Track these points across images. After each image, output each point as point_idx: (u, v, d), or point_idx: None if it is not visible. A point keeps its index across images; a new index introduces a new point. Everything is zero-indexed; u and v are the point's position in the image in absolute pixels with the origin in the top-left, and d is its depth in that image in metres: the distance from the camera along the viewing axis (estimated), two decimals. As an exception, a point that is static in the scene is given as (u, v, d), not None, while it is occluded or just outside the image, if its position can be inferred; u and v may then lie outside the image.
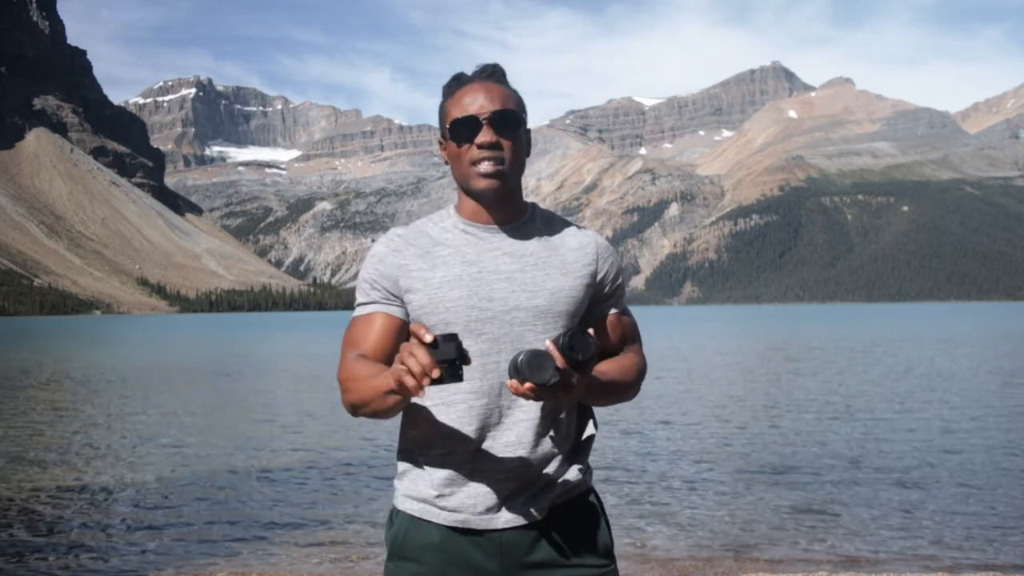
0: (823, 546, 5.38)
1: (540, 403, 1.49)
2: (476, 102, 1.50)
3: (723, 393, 14.88)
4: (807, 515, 6.11)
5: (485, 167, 1.49)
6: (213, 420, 12.13)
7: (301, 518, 6.20)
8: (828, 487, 7.03)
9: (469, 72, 1.57)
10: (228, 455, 8.99)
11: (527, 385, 1.30)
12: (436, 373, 1.25)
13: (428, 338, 1.26)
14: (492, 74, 1.55)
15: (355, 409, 1.47)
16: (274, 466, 8.35)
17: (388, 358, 1.50)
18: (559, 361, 1.32)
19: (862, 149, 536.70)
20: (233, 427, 11.29)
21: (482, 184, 1.50)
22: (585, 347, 1.33)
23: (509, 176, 1.51)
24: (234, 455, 8.99)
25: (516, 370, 1.32)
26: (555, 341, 1.34)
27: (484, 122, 1.49)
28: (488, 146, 1.48)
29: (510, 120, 1.50)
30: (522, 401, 1.47)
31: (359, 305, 1.55)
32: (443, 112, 1.56)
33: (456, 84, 1.56)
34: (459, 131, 1.50)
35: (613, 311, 1.62)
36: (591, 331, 1.35)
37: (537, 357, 1.30)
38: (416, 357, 1.25)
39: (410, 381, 1.24)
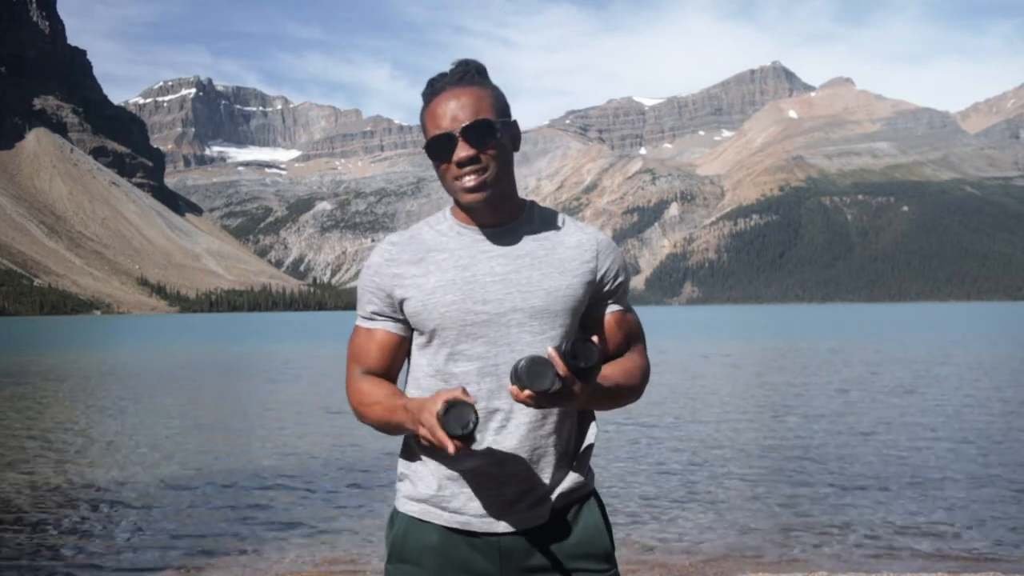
0: (822, 547, 5.37)
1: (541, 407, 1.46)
2: (448, 115, 1.47)
3: (721, 395, 14.86)
4: (805, 516, 6.09)
5: (468, 182, 1.47)
6: (212, 420, 12.11)
7: (300, 518, 6.18)
8: (827, 488, 6.98)
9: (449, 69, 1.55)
10: (227, 455, 8.98)
11: (526, 392, 1.30)
12: (452, 449, 1.30)
13: (440, 409, 1.31)
14: (464, 76, 1.51)
15: (363, 421, 1.54)
16: (274, 466, 8.31)
17: (390, 373, 1.57)
18: (561, 369, 1.30)
19: (862, 149, 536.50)
20: (232, 427, 11.27)
21: (468, 198, 1.49)
22: (588, 355, 1.31)
23: (494, 184, 1.49)
24: (232, 455, 8.97)
25: (516, 376, 1.31)
26: (557, 348, 1.32)
27: (459, 137, 1.46)
28: (467, 161, 1.46)
29: (485, 130, 1.47)
30: (522, 405, 1.44)
31: (360, 317, 1.58)
32: (422, 123, 1.54)
33: (431, 92, 1.53)
34: (436, 150, 1.49)
35: (616, 309, 1.60)
36: (595, 338, 1.34)
37: (536, 364, 1.29)
38: (436, 438, 1.32)
39: (449, 449, 1.31)
